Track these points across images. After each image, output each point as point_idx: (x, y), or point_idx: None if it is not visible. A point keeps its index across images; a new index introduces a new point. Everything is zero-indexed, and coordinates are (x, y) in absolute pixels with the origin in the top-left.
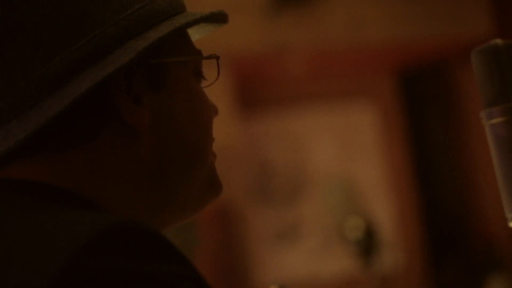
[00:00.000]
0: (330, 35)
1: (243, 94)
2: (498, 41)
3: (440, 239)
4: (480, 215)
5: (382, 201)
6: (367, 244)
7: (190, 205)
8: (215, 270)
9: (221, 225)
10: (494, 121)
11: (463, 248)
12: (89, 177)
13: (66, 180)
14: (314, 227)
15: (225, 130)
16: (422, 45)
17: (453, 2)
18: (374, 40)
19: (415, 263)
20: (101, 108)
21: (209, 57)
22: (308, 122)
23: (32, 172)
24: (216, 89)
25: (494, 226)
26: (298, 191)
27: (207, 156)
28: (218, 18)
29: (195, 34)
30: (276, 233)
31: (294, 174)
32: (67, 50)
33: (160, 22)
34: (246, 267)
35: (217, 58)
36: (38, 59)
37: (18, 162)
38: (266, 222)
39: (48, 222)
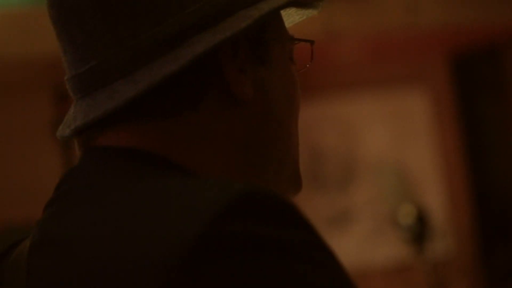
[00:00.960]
0: (382, 21)
1: None
2: None
3: (492, 226)
4: None
5: (434, 187)
6: (419, 231)
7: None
8: None
9: None
10: None
11: None
12: (187, 145)
13: (165, 148)
14: (366, 213)
15: None
16: (475, 30)
17: None
18: (427, 25)
19: (466, 250)
20: (208, 73)
21: (304, 40)
22: (360, 108)
23: (127, 138)
24: None
25: None
26: (350, 177)
27: (294, 141)
28: (314, 2)
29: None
30: (328, 219)
31: (346, 160)
32: (180, 13)
33: None
34: None
35: (312, 42)
36: (149, 20)
37: (119, 127)
38: (318, 208)
39: (169, 190)
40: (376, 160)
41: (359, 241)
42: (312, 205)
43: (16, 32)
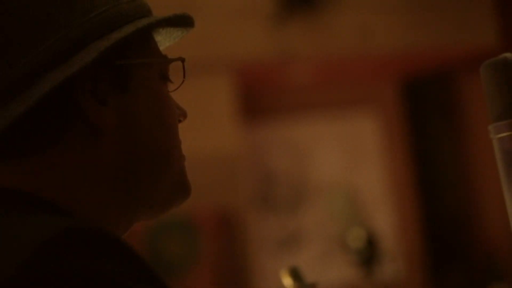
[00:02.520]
0: (335, 44)
1: (248, 102)
2: (508, 55)
3: (442, 249)
4: (482, 226)
5: (384, 210)
6: (369, 254)
7: (156, 206)
8: (217, 277)
9: (223, 232)
10: (502, 135)
11: (464, 258)
12: (56, 180)
13: (32, 184)
14: (316, 235)
15: (229, 138)
16: (427, 54)
17: (459, 12)
18: (379, 49)
19: (416, 273)
20: (66, 110)
21: (173, 60)
22: (312, 131)
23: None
24: (221, 97)
25: (495, 236)
26: (300, 199)
27: (173, 158)
28: (183, 21)
29: (165, 42)
30: (278, 241)
31: (297, 182)
32: (32, 53)
33: (124, 25)
34: (247, 274)
35: (182, 60)
36: (3, 61)
37: None
38: (269, 230)
39: (3, 228)
40: (326, 183)
41: (309, 263)
42: (263, 226)
43: None
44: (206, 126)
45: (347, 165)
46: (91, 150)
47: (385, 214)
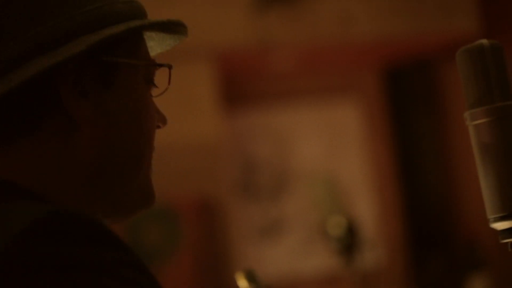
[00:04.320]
0: (316, 31)
1: (228, 90)
2: (484, 41)
3: (422, 237)
4: (462, 214)
5: (365, 198)
6: (349, 242)
7: (121, 209)
8: (198, 264)
9: (204, 219)
10: (478, 122)
11: (445, 246)
12: (32, 169)
13: (9, 172)
14: (297, 223)
15: (209, 125)
16: (408, 41)
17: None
18: (360, 36)
19: (397, 261)
20: (46, 98)
21: (161, 65)
22: (293, 118)
23: None
24: (201, 84)
25: (476, 224)
26: (281, 187)
27: (143, 163)
28: (177, 28)
29: (156, 48)
30: (259, 229)
31: (278, 170)
32: (20, 38)
33: (117, 23)
34: (228, 262)
35: (170, 67)
36: None
37: None
38: (249, 218)
39: None
40: (308, 171)
41: (290, 251)
42: (244, 214)
43: None
44: (187, 113)
45: (328, 152)
46: (67, 142)
47: (366, 202)
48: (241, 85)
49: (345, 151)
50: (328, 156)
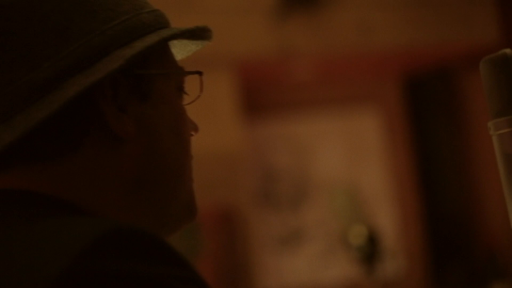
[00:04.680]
0: (337, 41)
1: (249, 99)
2: (508, 50)
3: (443, 247)
4: (483, 223)
5: (386, 208)
6: (370, 251)
7: (165, 224)
8: (219, 273)
9: (225, 229)
10: (502, 131)
11: (465, 255)
12: (76, 185)
13: (53, 189)
14: (317, 233)
15: (230, 135)
16: (429, 51)
17: (461, 9)
18: (381, 46)
19: (417, 270)
20: (87, 115)
21: (192, 72)
22: (314, 128)
23: (18, 181)
24: (222, 93)
25: (497, 233)
26: (302, 196)
27: (184, 173)
28: (202, 34)
29: (177, 54)
30: (279, 238)
31: (298, 179)
32: (54, 57)
33: (146, 34)
34: (249, 271)
35: (200, 74)
36: (25, 66)
37: (3, 171)
38: (270, 227)
39: (46, 229)
40: (328, 180)
41: (310, 260)
42: (265, 224)
43: None
44: (207, 123)
45: (349, 162)
46: (110, 157)
47: (386, 211)
48: (262, 95)
49: (365, 161)
50: (348, 166)
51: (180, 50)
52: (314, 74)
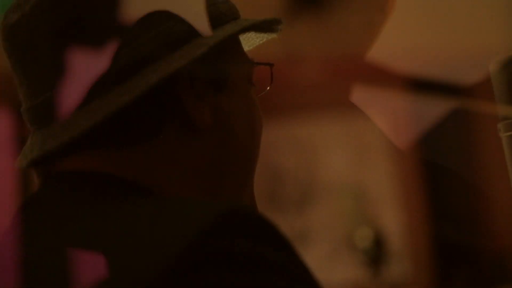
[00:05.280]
0: (343, 43)
1: None
2: None
3: (449, 250)
4: (490, 226)
5: (392, 210)
6: (376, 254)
7: None
8: None
9: None
10: (511, 133)
11: (472, 259)
12: (152, 172)
13: (130, 173)
14: (323, 235)
15: None
16: (434, 53)
17: (468, 12)
18: (387, 49)
19: (423, 273)
20: (167, 103)
21: (262, 64)
22: (320, 130)
23: (95, 164)
24: None
25: (504, 237)
26: (308, 198)
27: (255, 165)
28: (272, 27)
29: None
30: None
31: (304, 181)
32: (134, 43)
33: (224, 24)
34: None
35: (271, 65)
36: (103, 52)
37: (79, 155)
38: None
39: (153, 210)
40: (334, 182)
41: (316, 263)
42: None
43: None
44: None
45: (355, 164)
46: (186, 146)
47: (392, 213)
48: (268, 97)
49: (371, 163)
50: (354, 168)
51: (244, 43)
52: (321, 76)
